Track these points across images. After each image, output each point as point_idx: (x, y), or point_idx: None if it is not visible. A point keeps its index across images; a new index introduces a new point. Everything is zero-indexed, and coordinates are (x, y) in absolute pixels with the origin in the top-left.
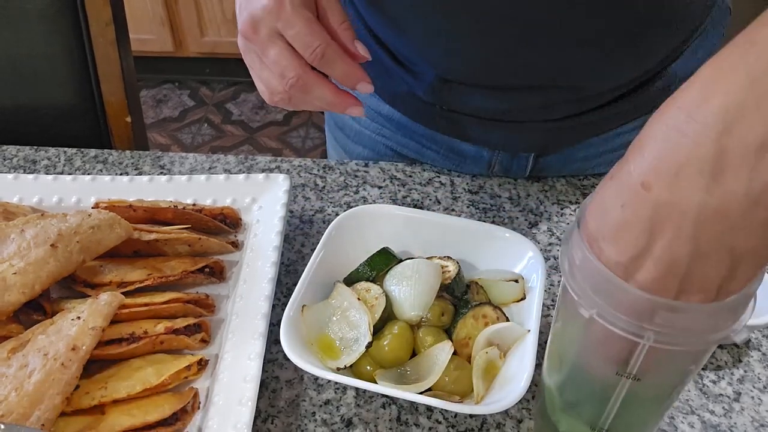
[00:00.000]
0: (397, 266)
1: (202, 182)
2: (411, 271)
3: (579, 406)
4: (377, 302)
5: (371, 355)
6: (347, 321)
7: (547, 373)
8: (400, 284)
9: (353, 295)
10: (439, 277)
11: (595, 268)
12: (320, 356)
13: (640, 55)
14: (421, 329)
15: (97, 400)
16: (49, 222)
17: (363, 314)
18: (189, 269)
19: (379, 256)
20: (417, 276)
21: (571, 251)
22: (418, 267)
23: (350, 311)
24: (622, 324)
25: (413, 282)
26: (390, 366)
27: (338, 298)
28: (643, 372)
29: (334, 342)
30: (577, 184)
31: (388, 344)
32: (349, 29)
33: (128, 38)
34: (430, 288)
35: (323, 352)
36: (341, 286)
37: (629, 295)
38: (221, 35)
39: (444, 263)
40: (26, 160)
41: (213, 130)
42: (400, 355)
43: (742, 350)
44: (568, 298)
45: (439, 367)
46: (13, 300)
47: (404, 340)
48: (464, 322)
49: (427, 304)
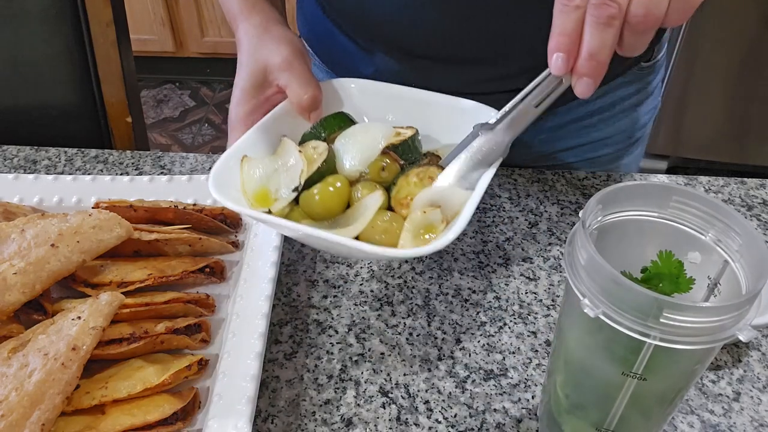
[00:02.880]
0: (350, 128)
1: (203, 182)
2: (361, 131)
3: (584, 407)
4: (319, 157)
5: (303, 207)
6: (286, 174)
7: (551, 374)
8: (347, 142)
9: (296, 149)
10: (387, 137)
11: (601, 267)
12: (252, 205)
13: None
14: (359, 183)
15: (98, 399)
16: (50, 222)
17: (299, 163)
18: (189, 269)
19: (333, 118)
20: (364, 134)
21: (576, 251)
22: (368, 127)
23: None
24: (627, 323)
25: (359, 139)
26: (321, 219)
27: (282, 153)
28: (648, 372)
29: (270, 193)
30: (577, 184)
31: (318, 193)
32: (303, 108)
33: (129, 38)
34: (373, 144)
35: (257, 201)
36: (287, 140)
37: (635, 294)
38: (222, 35)
39: (401, 129)
40: (27, 160)
41: (213, 130)
42: (331, 207)
43: (742, 350)
44: (573, 297)
45: (368, 215)
46: (14, 300)
47: (336, 193)
48: (406, 179)
49: (366, 159)
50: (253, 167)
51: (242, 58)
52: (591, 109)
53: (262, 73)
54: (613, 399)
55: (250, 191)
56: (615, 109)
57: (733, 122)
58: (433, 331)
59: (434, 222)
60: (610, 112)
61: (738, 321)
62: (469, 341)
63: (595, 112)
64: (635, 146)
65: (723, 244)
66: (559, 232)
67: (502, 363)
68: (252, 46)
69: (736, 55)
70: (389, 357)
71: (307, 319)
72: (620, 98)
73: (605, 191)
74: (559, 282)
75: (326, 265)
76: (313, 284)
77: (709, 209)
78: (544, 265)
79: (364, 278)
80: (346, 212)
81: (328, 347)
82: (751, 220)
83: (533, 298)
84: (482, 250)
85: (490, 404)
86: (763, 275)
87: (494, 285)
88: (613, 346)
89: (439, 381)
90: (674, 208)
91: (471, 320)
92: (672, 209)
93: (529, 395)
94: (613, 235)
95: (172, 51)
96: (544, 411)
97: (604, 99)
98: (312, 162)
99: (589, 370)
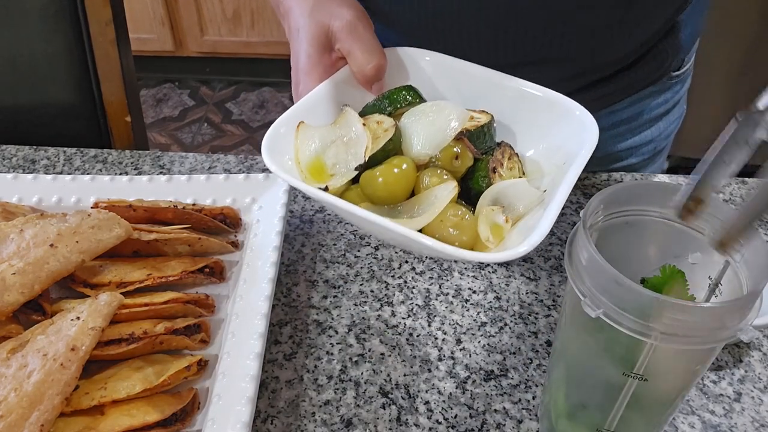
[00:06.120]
0: (420, 105)
1: (202, 182)
2: (432, 110)
3: (584, 408)
4: (384, 134)
5: (363, 187)
6: (346, 148)
7: (552, 374)
8: (417, 121)
9: (359, 121)
10: (462, 121)
11: (602, 267)
12: (305, 178)
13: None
14: (427, 170)
15: (97, 400)
16: (49, 222)
17: (363, 138)
18: (189, 269)
19: (402, 91)
20: (436, 114)
21: (577, 251)
22: (441, 107)
23: (351, 138)
24: (628, 323)
25: (431, 119)
26: (381, 203)
27: (343, 124)
28: (649, 372)
29: (326, 167)
30: (577, 184)
31: (381, 174)
32: (366, 79)
33: (128, 37)
34: (445, 127)
35: (311, 174)
36: (350, 110)
37: (636, 295)
38: (221, 34)
39: (475, 113)
40: (26, 160)
41: (213, 129)
42: (395, 191)
43: (743, 350)
44: (574, 298)
45: (438, 206)
46: (13, 300)
47: (402, 176)
48: (482, 165)
49: (438, 144)
50: (309, 136)
51: (299, 22)
52: (619, 118)
53: (325, 35)
54: (614, 399)
55: (305, 162)
56: (642, 119)
57: None
58: (433, 331)
59: (499, 222)
60: (638, 121)
61: (739, 321)
62: (469, 341)
63: (623, 122)
64: (659, 156)
65: None
66: (559, 232)
67: (502, 363)
68: (309, 7)
69: (737, 54)
70: (389, 357)
71: (306, 319)
72: (649, 108)
73: (606, 191)
74: (560, 282)
75: (326, 265)
76: (312, 284)
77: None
78: (544, 265)
79: (364, 278)
80: (411, 200)
81: (328, 348)
82: None
83: (534, 299)
84: None
85: (490, 405)
86: (764, 275)
87: (494, 285)
88: (614, 346)
89: (440, 381)
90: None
91: (471, 320)
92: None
93: (530, 396)
94: (613, 235)
95: (171, 50)
96: (545, 411)
97: (632, 109)
98: (376, 138)
99: (589, 370)
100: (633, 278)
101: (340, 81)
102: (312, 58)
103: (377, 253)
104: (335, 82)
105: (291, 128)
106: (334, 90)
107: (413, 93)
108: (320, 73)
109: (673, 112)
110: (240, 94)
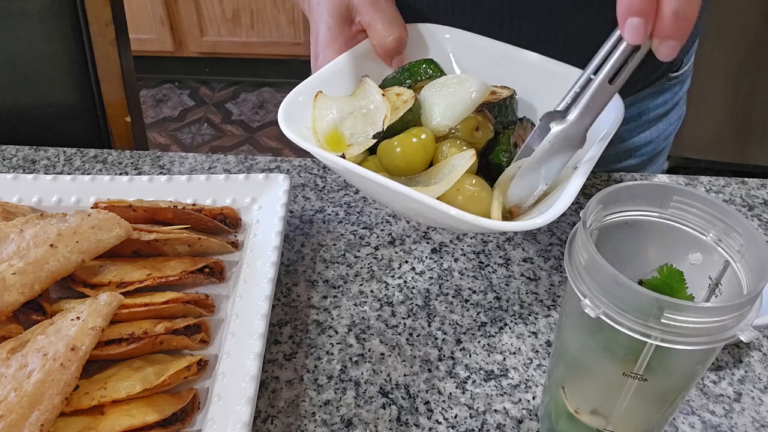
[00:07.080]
0: (441, 78)
1: (202, 182)
2: (453, 82)
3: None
4: (404, 105)
5: (380, 157)
6: (364, 119)
7: (552, 374)
8: (437, 93)
9: (378, 92)
10: (483, 94)
11: (602, 267)
12: (322, 147)
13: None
14: (447, 141)
15: (97, 400)
16: (49, 222)
17: (382, 108)
18: (189, 269)
19: (421, 64)
20: (457, 86)
21: (577, 251)
22: (462, 80)
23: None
24: (628, 324)
25: (452, 91)
26: (399, 173)
27: (361, 95)
28: (649, 372)
29: (343, 137)
30: None
31: (399, 144)
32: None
33: (128, 38)
34: (466, 98)
35: (328, 144)
36: (368, 81)
37: (635, 295)
38: (221, 35)
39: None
40: (25, 160)
41: (213, 129)
42: (413, 161)
43: (743, 350)
44: (574, 298)
45: (455, 174)
46: (12, 300)
47: (421, 145)
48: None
49: (459, 115)
50: (327, 106)
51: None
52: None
53: (345, 8)
54: (614, 400)
55: (321, 131)
56: (641, 120)
57: (734, 122)
58: (433, 331)
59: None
60: (637, 122)
61: (739, 321)
62: (469, 342)
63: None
64: (659, 156)
65: (724, 244)
66: (559, 232)
67: (502, 363)
68: None
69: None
70: (389, 357)
71: (306, 319)
72: (648, 108)
73: (606, 191)
74: (560, 282)
75: (326, 265)
76: (312, 284)
77: (710, 209)
78: (544, 265)
79: (364, 278)
80: (429, 170)
81: (328, 348)
82: (752, 220)
83: (534, 299)
84: (482, 250)
85: (490, 405)
86: (764, 276)
87: (495, 285)
88: (614, 346)
89: (440, 381)
90: (675, 208)
91: (471, 321)
92: (673, 209)
93: (530, 396)
94: (613, 235)
95: (171, 50)
96: (545, 412)
97: (631, 110)
98: (396, 109)
99: (589, 370)
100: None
101: (360, 54)
102: (332, 30)
103: (377, 253)
104: (355, 54)
105: (309, 97)
106: (353, 62)
107: (434, 66)
108: (340, 45)
109: (672, 113)
110: (240, 94)
